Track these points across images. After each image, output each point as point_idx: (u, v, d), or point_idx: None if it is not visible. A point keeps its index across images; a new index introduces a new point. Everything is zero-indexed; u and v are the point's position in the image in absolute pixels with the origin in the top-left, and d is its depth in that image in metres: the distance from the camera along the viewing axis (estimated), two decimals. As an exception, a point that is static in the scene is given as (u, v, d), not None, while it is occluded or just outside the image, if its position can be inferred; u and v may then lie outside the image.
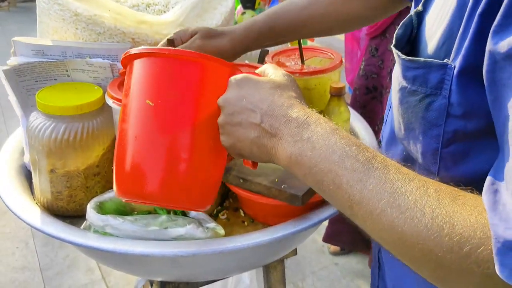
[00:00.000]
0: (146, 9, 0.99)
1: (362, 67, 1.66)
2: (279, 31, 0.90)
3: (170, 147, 0.61)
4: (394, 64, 1.64)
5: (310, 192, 0.81)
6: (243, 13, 2.61)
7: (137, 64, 0.62)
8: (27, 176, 0.99)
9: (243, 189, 0.85)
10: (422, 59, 0.52)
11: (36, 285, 2.08)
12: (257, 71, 0.65)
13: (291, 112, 0.55)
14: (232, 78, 0.61)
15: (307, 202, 0.80)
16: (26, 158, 1.01)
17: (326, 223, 2.13)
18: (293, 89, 0.60)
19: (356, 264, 2.10)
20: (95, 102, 0.85)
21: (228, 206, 0.96)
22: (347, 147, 0.50)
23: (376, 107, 1.62)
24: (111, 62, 0.89)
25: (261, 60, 1.14)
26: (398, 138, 0.62)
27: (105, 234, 0.79)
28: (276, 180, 0.83)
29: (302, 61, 1.10)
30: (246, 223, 0.91)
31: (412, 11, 0.59)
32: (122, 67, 0.66)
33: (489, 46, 0.43)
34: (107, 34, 0.90)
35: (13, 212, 0.83)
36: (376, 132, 1.69)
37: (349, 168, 0.49)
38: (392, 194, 0.45)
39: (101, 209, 0.82)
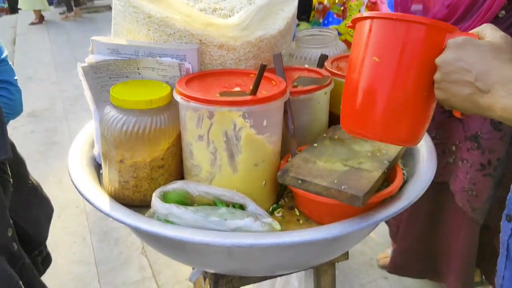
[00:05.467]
0: (213, 13, 1.04)
1: None
2: None
3: (391, 95, 0.73)
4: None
5: (370, 192, 0.82)
6: (298, 25, 2.64)
7: (367, 25, 0.74)
8: (96, 167, 1.06)
9: (301, 189, 0.87)
10: None
11: (91, 279, 2.17)
12: (474, 31, 0.72)
13: (503, 71, 0.63)
14: (452, 41, 0.69)
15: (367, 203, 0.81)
16: (96, 151, 1.08)
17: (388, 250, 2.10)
18: (509, 51, 0.66)
19: (406, 279, 2.05)
20: (164, 97, 0.90)
21: (283, 205, 0.98)
22: None
23: (454, 126, 1.51)
24: (179, 62, 0.94)
25: (320, 65, 1.16)
26: None
27: (167, 222, 0.83)
28: (335, 181, 0.84)
29: (362, 67, 1.11)
30: (301, 221, 0.92)
31: None
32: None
33: None
34: (177, 35, 0.95)
35: (86, 199, 0.89)
36: (454, 153, 1.54)
37: None
38: None
39: (165, 198, 0.86)
